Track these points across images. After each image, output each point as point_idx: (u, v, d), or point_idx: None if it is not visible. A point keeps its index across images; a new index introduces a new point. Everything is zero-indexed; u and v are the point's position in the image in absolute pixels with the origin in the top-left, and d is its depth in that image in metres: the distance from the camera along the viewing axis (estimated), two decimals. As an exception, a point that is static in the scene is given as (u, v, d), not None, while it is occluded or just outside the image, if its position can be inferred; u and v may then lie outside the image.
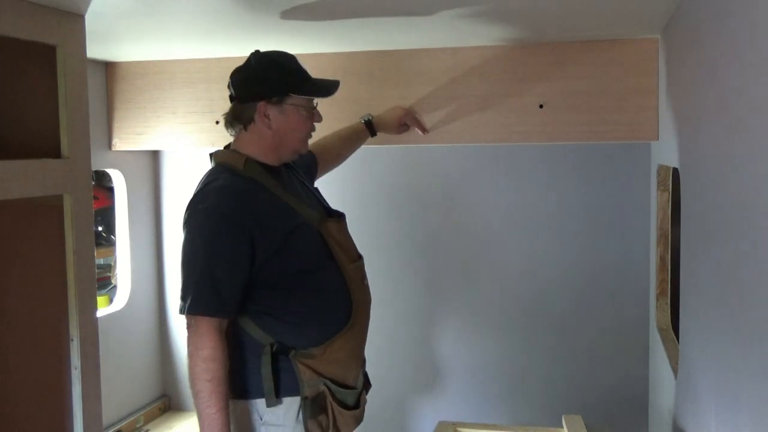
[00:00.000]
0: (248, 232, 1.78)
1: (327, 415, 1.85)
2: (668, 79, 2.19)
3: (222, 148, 1.97)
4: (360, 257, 2.02)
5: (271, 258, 1.81)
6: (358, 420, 1.95)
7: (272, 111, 1.87)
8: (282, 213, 1.87)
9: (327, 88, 1.94)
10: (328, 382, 1.85)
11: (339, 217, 2.01)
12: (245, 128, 1.90)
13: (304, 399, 1.83)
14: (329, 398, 1.85)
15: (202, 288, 1.76)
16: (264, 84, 1.88)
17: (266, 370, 1.80)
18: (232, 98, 1.92)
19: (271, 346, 1.82)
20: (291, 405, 1.83)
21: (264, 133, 1.89)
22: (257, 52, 1.94)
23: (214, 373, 1.74)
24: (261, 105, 1.86)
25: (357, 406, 1.93)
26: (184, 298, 1.79)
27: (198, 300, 1.76)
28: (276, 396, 1.82)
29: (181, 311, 1.79)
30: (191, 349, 1.76)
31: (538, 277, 3.02)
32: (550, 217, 2.99)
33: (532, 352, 3.04)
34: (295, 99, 1.88)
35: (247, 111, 1.88)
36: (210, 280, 1.76)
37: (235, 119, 1.91)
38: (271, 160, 1.92)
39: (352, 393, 1.92)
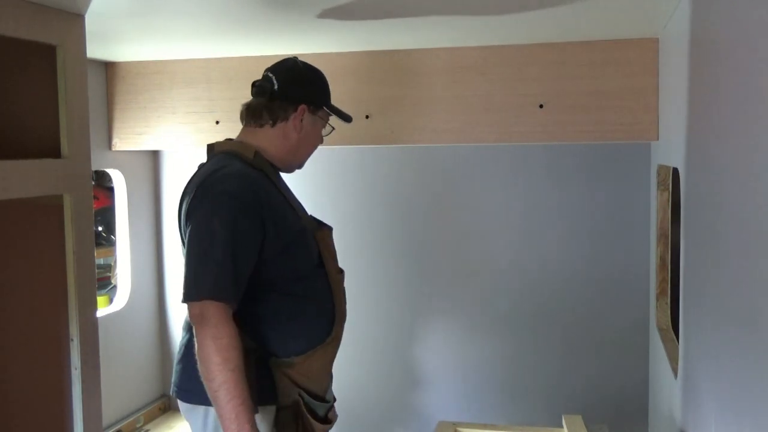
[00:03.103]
0: (263, 225, 1.74)
1: (298, 425, 1.81)
2: (668, 79, 2.18)
3: (221, 141, 1.94)
4: (342, 271, 1.97)
5: (275, 258, 1.77)
6: None
7: (307, 117, 1.90)
8: (290, 213, 1.85)
9: (348, 115, 2.01)
10: (303, 393, 1.82)
11: (329, 228, 1.99)
12: (273, 124, 1.88)
13: (280, 409, 1.79)
14: (303, 408, 1.81)
15: (219, 274, 1.66)
16: (311, 89, 1.91)
17: (251, 376, 1.72)
18: (269, 92, 1.88)
19: (254, 351, 1.76)
20: (267, 413, 1.78)
21: (289, 135, 1.89)
22: (295, 57, 1.97)
23: (236, 362, 1.62)
24: (303, 107, 1.88)
25: (327, 420, 1.89)
26: (195, 284, 1.67)
27: (215, 286, 1.65)
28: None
29: (191, 298, 1.66)
30: (206, 341, 1.62)
31: (538, 277, 3.02)
32: (550, 218, 2.99)
33: (532, 352, 3.04)
34: (324, 114, 1.93)
35: (285, 109, 1.87)
36: (230, 266, 1.67)
37: (266, 112, 1.88)
38: (279, 162, 1.91)
39: (324, 406, 1.89)
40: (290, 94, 1.87)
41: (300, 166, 2.00)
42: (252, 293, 1.75)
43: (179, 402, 1.88)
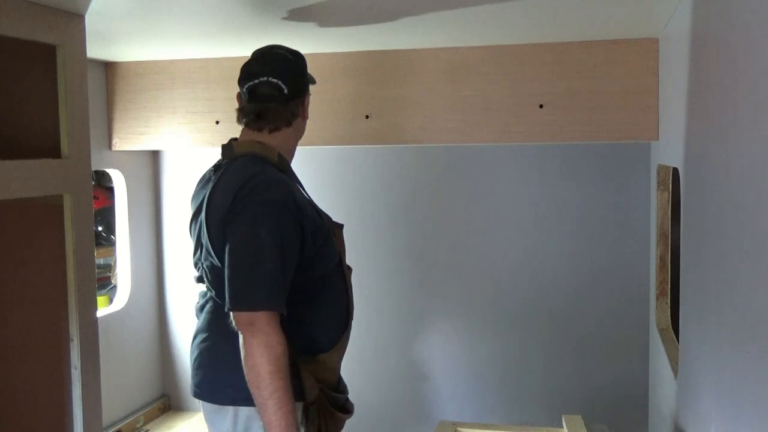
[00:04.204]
0: (302, 230, 1.74)
1: (323, 419, 1.83)
2: (668, 79, 2.19)
3: (237, 139, 1.93)
4: (350, 268, 1.99)
5: (308, 260, 1.78)
6: (343, 424, 1.93)
7: (306, 100, 1.93)
8: (319, 216, 1.85)
9: (312, 77, 2.02)
10: (324, 387, 1.84)
11: (341, 225, 2.00)
12: (289, 125, 1.89)
13: (309, 406, 1.81)
14: (326, 402, 1.83)
15: (269, 283, 1.67)
16: (305, 75, 1.93)
17: None
18: (279, 98, 1.85)
19: None
20: (296, 410, 1.78)
21: (300, 125, 1.92)
22: (278, 47, 1.92)
23: (286, 371, 1.65)
24: (306, 98, 1.92)
25: (346, 410, 1.92)
26: (244, 293, 1.67)
27: (266, 295, 1.66)
28: None
29: (242, 307, 1.66)
30: (257, 350, 1.63)
31: (539, 277, 3.02)
32: (550, 217, 2.99)
33: (532, 352, 3.04)
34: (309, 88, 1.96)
35: (297, 106, 1.89)
36: (279, 275, 1.68)
37: (281, 118, 1.87)
38: (290, 155, 1.93)
39: (342, 396, 1.92)
40: (298, 91, 1.88)
41: None
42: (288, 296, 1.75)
43: (203, 403, 1.87)
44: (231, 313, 1.70)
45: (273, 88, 1.84)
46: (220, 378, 1.82)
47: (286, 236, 1.70)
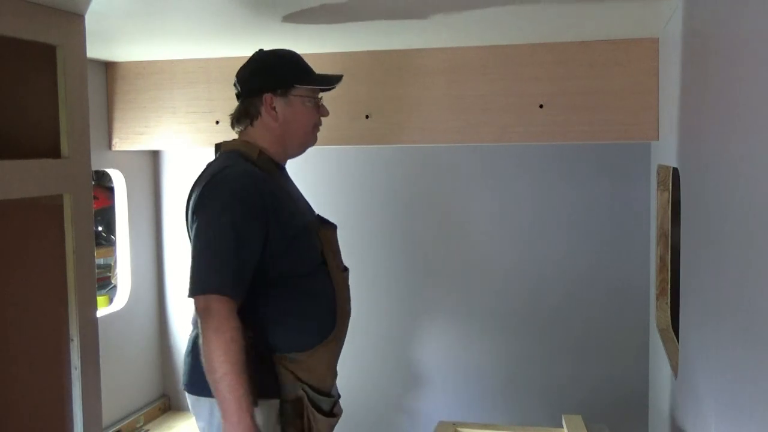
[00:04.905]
0: (267, 223, 1.77)
1: (303, 420, 1.83)
2: (668, 79, 2.18)
3: (228, 140, 1.97)
4: (347, 269, 2.00)
5: (278, 255, 1.80)
6: (332, 427, 1.94)
7: (278, 103, 1.89)
8: (293, 212, 1.87)
9: (329, 79, 1.98)
10: (306, 388, 1.84)
11: (334, 226, 2.01)
12: (252, 123, 1.91)
13: (283, 403, 1.81)
14: (307, 404, 1.83)
15: (224, 270, 1.71)
16: (269, 76, 1.90)
17: (252, 370, 1.75)
18: (239, 95, 1.94)
19: (256, 346, 1.79)
20: (270, 408, 1.80)
21: (271, 126, 1.90)
22: (261, 49, 1.97)
23: (236, 356, 1.68)
24: (267, 97, 1.88)
25: (332, 414, 1.92)
26: (201, 279, 1.72)
27: (219, 281, 1.71)
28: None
29: (197, 292, 1.72)
30: (209, 334, 1.68)
31: (539, 277, 3.02)
32: (549, 218, 3.00)
33: (532, 352, 3.04)
34: (300, 90, 1.91)
35: (254, 105, 1.90)
36: (235, 262, 1.72)
37: (241, 115, 1.92)
38: (278, 154, 1.93)
39: (329, 400, 1.91)
40: (251, 89, 1.90)
41: (304, 147, 2.00)
42: (256, 290, 1.79)
43: (187, 395, 1.91)
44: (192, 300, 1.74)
45: (234, 86, 1.95)
46: (199, 369, 1.81)
47: (246, 226, 1.74)
